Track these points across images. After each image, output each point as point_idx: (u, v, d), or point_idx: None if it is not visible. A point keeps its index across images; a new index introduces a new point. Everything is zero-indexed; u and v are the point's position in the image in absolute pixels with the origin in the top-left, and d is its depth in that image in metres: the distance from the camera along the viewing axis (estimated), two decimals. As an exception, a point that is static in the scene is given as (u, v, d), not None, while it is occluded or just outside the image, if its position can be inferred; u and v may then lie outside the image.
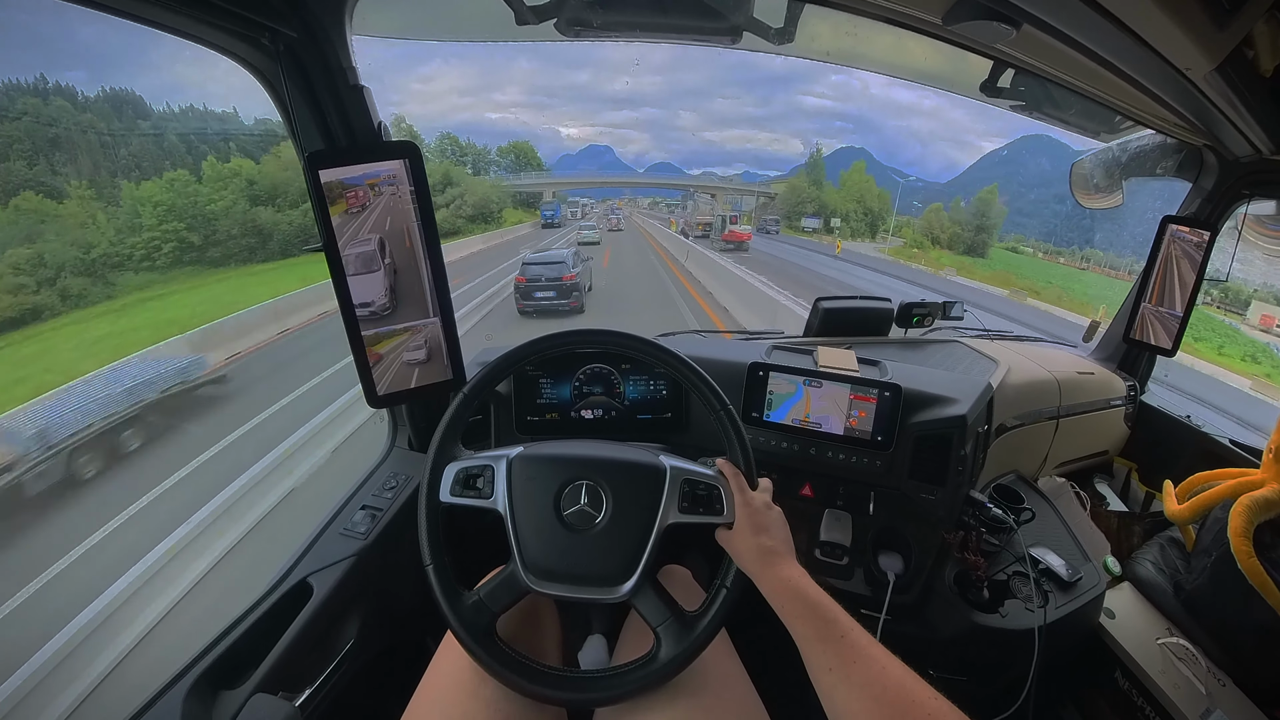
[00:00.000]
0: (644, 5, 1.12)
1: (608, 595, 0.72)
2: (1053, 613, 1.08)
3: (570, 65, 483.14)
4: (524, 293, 10.89)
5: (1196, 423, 1.72)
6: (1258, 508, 1.11)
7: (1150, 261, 1.59)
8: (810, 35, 1.15)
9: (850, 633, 0.60)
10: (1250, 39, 0.82)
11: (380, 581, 1.06)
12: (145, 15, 0.72)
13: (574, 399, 1.24)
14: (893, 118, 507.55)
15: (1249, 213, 1.56)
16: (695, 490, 0.77)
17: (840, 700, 0.56)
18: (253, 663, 0.83)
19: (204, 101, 70.91)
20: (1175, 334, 1.58)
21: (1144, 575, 1.37)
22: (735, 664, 0.84)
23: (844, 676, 0.56)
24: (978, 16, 0.84)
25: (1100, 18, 0.70)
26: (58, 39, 29.18)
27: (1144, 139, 1.57)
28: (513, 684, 0.70)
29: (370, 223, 0.87)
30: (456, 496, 0.77)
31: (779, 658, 1.00)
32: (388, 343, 0.94)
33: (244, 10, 0.76)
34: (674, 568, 1.00)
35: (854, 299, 1.77)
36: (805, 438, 1.18)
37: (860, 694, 0.54)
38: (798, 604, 0.64)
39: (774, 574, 0.68)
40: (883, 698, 0.53)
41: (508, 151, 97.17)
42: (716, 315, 11.35)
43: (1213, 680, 1.14)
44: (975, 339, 1.83)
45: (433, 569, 0.74)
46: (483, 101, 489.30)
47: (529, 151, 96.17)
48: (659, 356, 0.83)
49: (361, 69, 0.96)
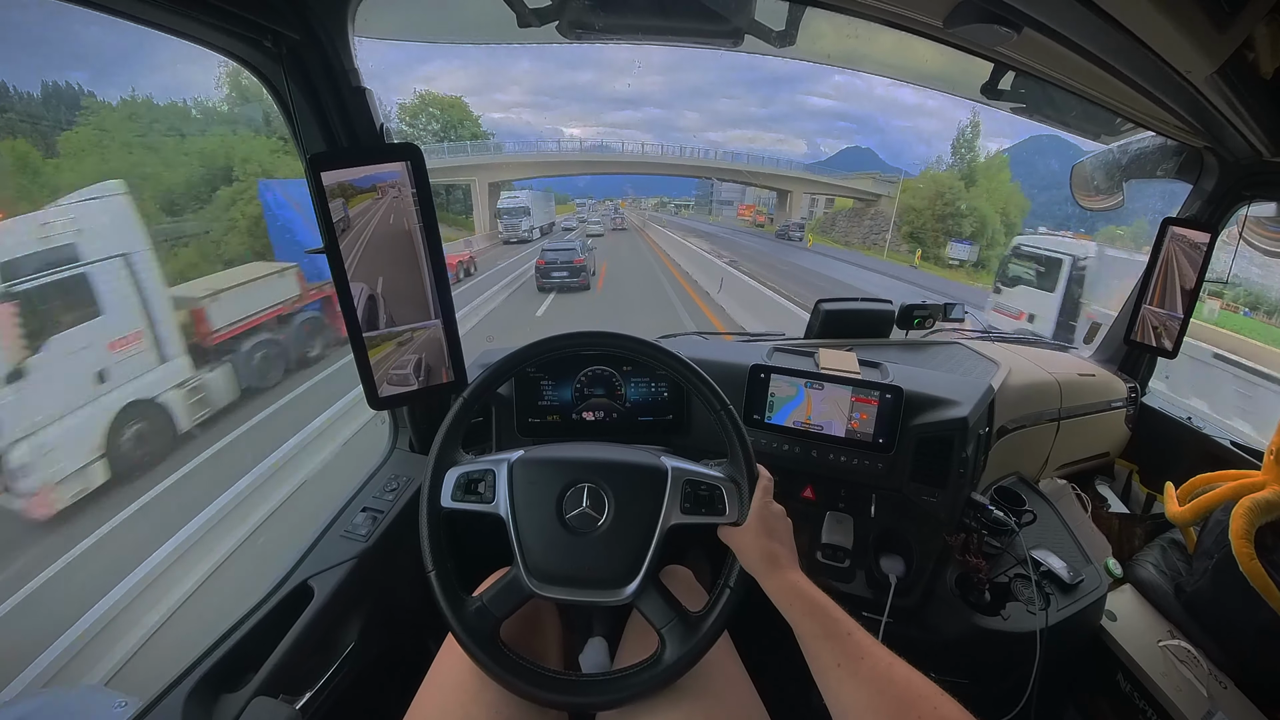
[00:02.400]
0: (645, 8, 1.12)
1: (611, 598, 0.72)
2: (1054, 615, 1.07)
3: (573, 65, 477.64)
4: (543, 273, 13.73)
5: (1197, 424, 1.73)
6: (1259, 510, 1.11)
7: (1151, 263, 1.59)
8: (811, 38, 1.15)
9: (855, 631, 0.61)
10: (1251, 41, 0.82)
11: (381, 584, 1.06)
12: (148, 17, 0.72)
13: (575, 401, 1.24)
14: (897, 118, 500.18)
15: (1249, 214, 1.56)
16: (697, 491, 0.77)
17: (847, 695, 0.56)
18: (254, 665, 0.83)
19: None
20: (1176, 336, 1.58)
21: (1145, 577, 1.37)
22: (737, 665, 0.84)
23: (850, 672, 0.57)
24: (979, 20, 0.84)
25: (1101, 21, 0.70)
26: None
27: (1144, 141, 1.57)
28: (516, 688, 0.70)
29: (374, 224, 0.87)
30: (458, 501, 0.77)
31: (779, 658, 1.00)
32: (389, 345, 0.94)
33: (247, 13, 0.76)
34: (676, 568, 1.00)
35: (855, 300, 1.77)
36: (806, 440, 1.18)
37: (867, 689, 0.55)
38: (802, 603, 0.65)
39: (779, 576, 0.68)
40: (889, 692, 0.53)
41: (417, 112, 41.17)
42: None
43: (1214, 682, 1.13)
44: (976, 340, 1.83)
45: (435, 575, 0.73)
46: (486, 101, 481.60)
47: (458, 111, 36.31)
48: (660, 358, 0.83)
49: (364, 69, 0.96)
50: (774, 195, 48.62)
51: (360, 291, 0.89)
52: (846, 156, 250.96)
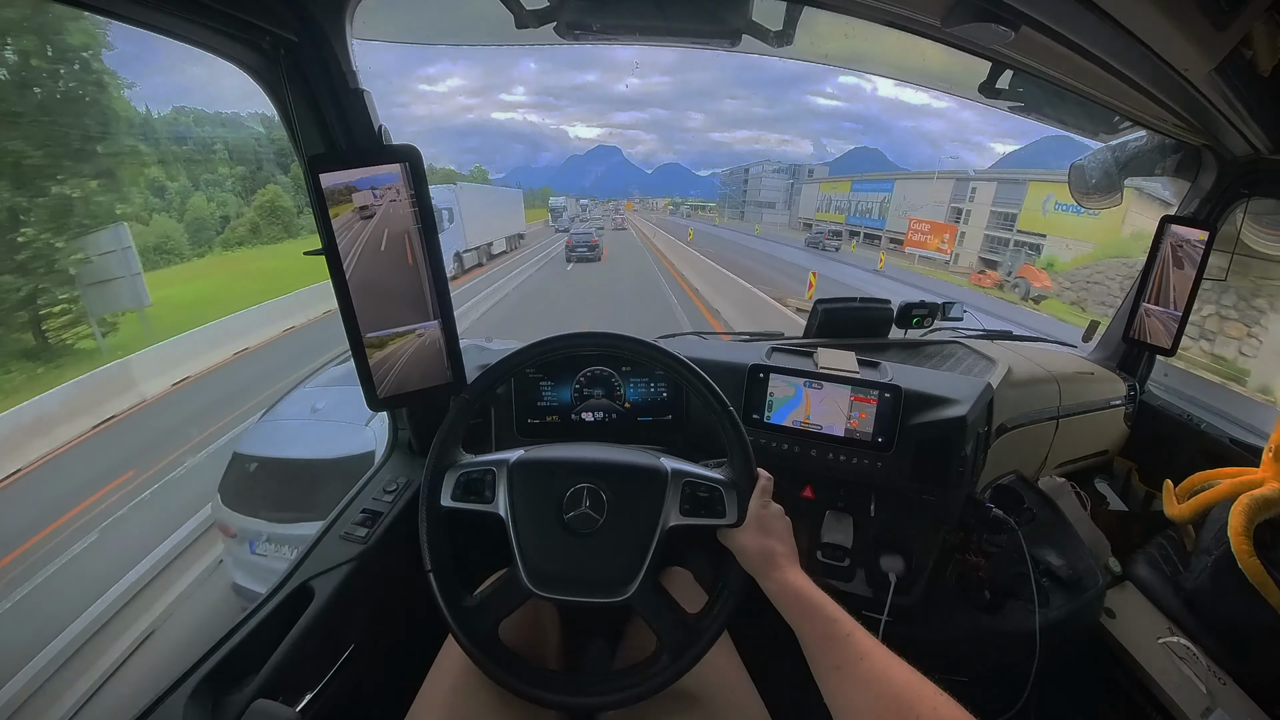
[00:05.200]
0: (642, 8, 1.12)
1: (610, 599, 0.72)
2: (1054, 613, 1.08)
3: (578, 66, 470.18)
4: (570, 249, 21.62)
5: (1196, 422, 1.73)
6: (1258, 506, 1.11)
7: (1149, 261, 1.59)
8: (809, 38, 1.15)
9: (855, 633, 0.61)
10: (1249, 39, 0.82)
11: (381, 585, 1.06)
12: (147, 20, 0.72)
13: (574, 401, 1.24)
14: (902, 118, 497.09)
15: (1248, 212, 1.56)
16: (697, 493, 0.76)
17: (847, 697, 0.56)
18: (253, 668, 0.83)
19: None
20: (1175, 333, 1.58)
21: (1144, 575, 1.37)
22: (737, 666, 0.84)
23: (850, 674, 0.57)
24: (977, 19, 0.84)
25: (1099, 19, 0.70)
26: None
27: (1142, 139, 1.57)
28: (515, 688, 0.70)
29: (373, 225, 0.87)
30: (457, 501, 0.77)
31: (779, 659, 1.00)
32: (388, 345, 0.94)
33: (245, 15, 0.76)
34: (676, 569, 1.00)
35: (853, 300, 1.77)
36: (806, 439, 1.18)
37: (866, 691, 0.55)
38: (802, 605, 0.64)
39: (779, 576, 0.68)
40: (888, 693, 0.53)
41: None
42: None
43: (1213, 679, 1.14)
44: (975, 339, 1.83)
45: (434, 574, 0.74)
46: (490, 102, 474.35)
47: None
48: (660, 359, 0.83)
49: (366, 70, 0.96)
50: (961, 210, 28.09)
51: (359, 292, 0.89)
52: (855, 157, 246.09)
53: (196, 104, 65.60)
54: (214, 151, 27.41)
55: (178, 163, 27.96)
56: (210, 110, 49.99)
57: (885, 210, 38.52)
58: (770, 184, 57.61)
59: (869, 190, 42.37)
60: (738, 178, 69.92)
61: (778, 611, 0.67)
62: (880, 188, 40.86)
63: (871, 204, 41.09)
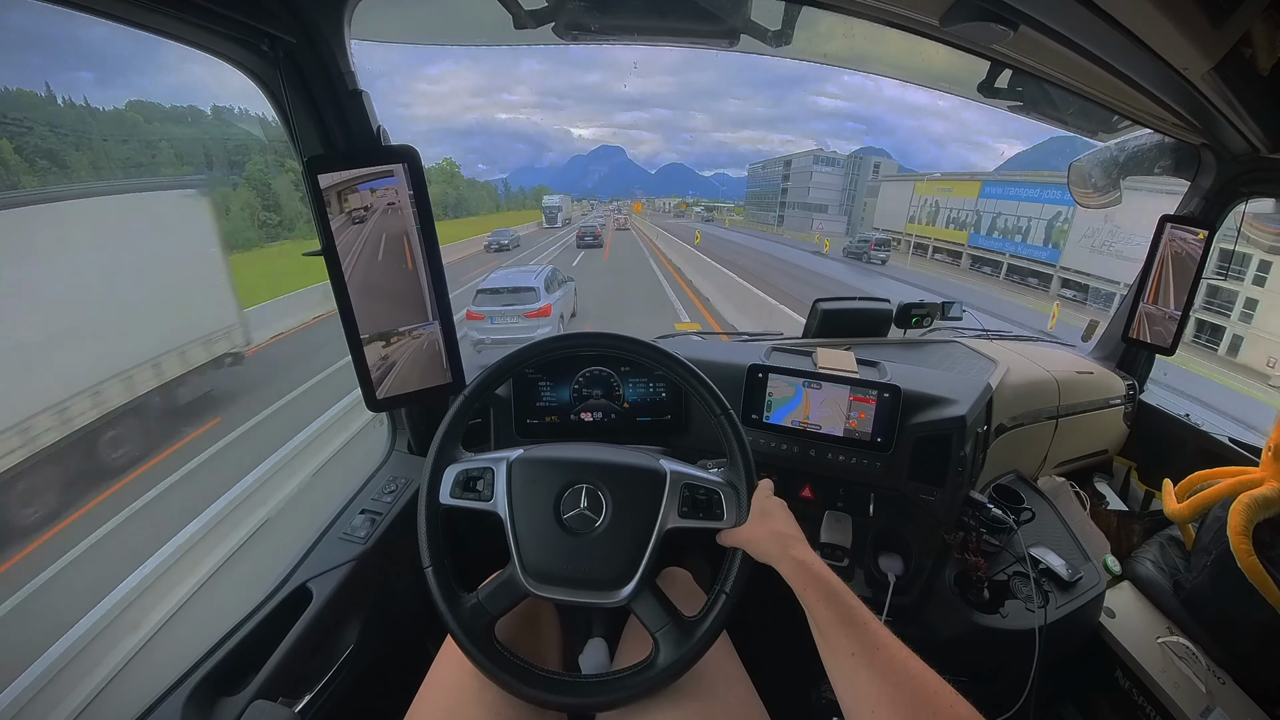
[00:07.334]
0: (640, 8, 1.12)
1: (606, 599, 0.72)
2: (1053, 613, 1.08)
3: (581, 66, 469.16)
4: (579, 238, 31.43)
5: (1196, 421, 1.73)
6: (1257, 506, 1.11)
7: (1149, 261, 1.59)
8: (808, 37, 1.15)
9: (870, 621, 0.60)
10: (1248, 38, 0.82)
11: (380, 586, 1.06)
12: (145, 21, 0.72)
13: (573, 401, 1.24)
14: (906, 119, 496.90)
15: (1247, 211, 1.56)
16: (695, 495, 0.77)
17: (862, 684, 0.55)
18: (252, 669, 0.83)
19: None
20: (1174, 333, 1.58)
21: (1144, 574, 1.37)
22: (736, 665, 0.84)
23: (867, 662, 0.56)
24: (975, 18, 0.84)
25: (1097, 19, 0.70)
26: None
27: (1142, 138, 1.57)
28: (511, 688, 0.70)
29: (372, 225, 0.87)
30: (456, 498, 0.77)
31: (778, 657, 1.00)
32: (388, 346, 0.94)
33: (243, 16, 0.76)
34: (675, 570, 1.00)
35: (853, 300, 1.77)
36: (805, 439, 1.18)
37: (883, 680, 0.54)
38: (819, 587, 0.63)
39: (793, 555, 0.67)
40: (907, 685, 0.52)
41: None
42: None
43: (1213, 679, 1.14)
44: (974, 339, 1.83)
45: (431, 571, 0.74)
46: (493, 103, 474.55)
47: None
48: (659, 359, 0.83)
49: (369, 70, 0.96)
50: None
51: (358, 293, 0.90)
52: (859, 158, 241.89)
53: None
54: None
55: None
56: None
57: (1059, 236, 24.08)
58: (822, 181, 42.76)
59: (1018, 197, 26.49)
60: (774, 172, 53.60)
61: (776, 611, 0.66)
62: (1044, 197, 25.23)
63: (1024, 220, 26.68)
